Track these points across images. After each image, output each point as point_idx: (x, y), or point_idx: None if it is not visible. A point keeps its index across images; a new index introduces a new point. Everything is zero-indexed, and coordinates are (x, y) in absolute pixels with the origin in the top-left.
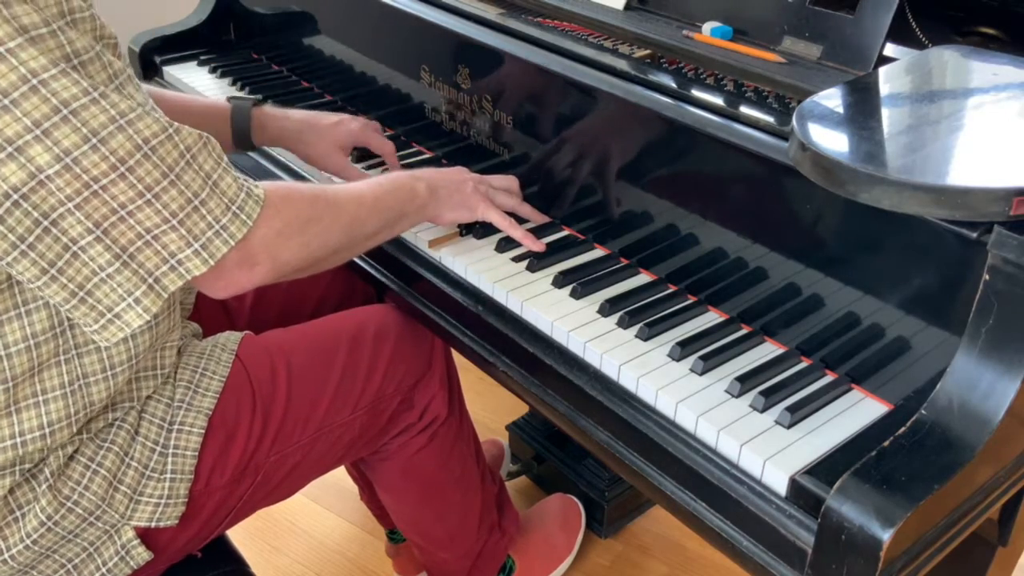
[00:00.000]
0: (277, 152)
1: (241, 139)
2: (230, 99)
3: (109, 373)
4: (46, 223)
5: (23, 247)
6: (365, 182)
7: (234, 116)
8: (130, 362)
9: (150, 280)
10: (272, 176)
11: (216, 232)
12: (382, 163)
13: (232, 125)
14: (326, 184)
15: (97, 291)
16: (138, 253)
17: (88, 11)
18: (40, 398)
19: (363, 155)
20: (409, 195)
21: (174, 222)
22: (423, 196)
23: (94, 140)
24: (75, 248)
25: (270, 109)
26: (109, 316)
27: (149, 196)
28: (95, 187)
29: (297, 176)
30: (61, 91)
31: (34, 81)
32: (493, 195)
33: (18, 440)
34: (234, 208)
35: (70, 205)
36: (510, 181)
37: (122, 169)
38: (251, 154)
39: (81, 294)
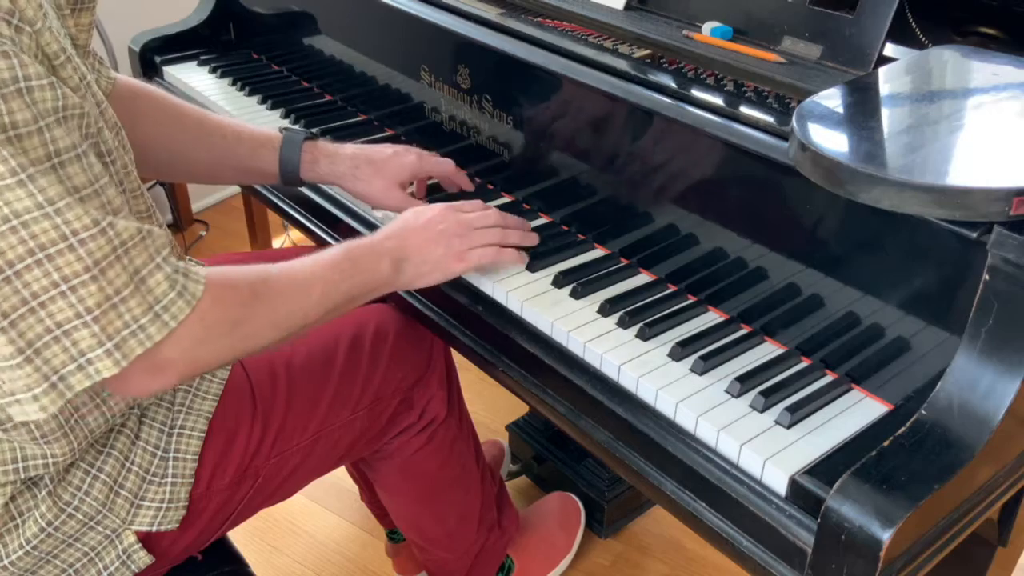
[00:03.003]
0: None
1: (288, 174)
2: (283, 130)
3: (99, 399)
4: None
5: None
6: (322, 262)
7: (283, 149)
8: None
9: (54, 378)
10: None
11: (132, 332)
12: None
13: (280, 157)
14: (272, 268)
15: (1, 374)
16: (45, 349)
17: (47, 79)
18: (40, 441)
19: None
20: (369, 277)
21: (88, 318)
22: (384, 275)
23: (14, 222)
24: None
25: (323, 144)
26: (10, 399)
27: (65, 288)
28: (8, 272)
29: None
30: None
31: None
32: (470, 242)
33: (20, 465)
34: (157, 308)
35: None
36: (490, 217)
37: (40, 255)
38: None
39: None
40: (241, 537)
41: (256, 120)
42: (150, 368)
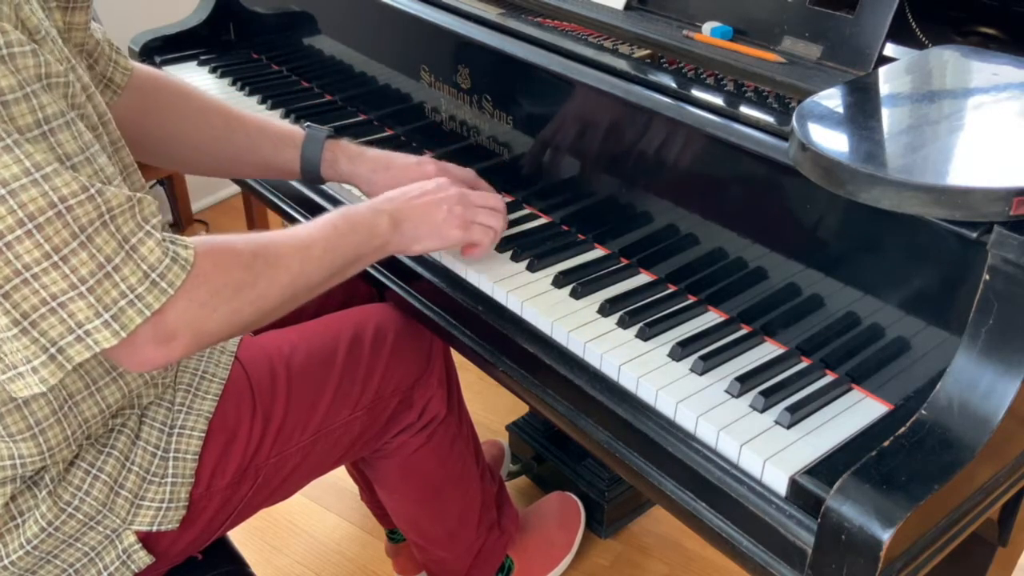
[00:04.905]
0: None
1: (309, 172)
2: (306, 127)
3: (93, 388)
4: None
5: None
6: (319, 224)
7: (305, 146)
8: (110, 375)
9: (52, 350)
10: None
11: (130, 302)
12: None
13: (301, 155)
14: (271, 234)
15: (2, 346)
16: (41, 320)
17: (28, 47)
18: (36, 429)
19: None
20: (367, 235)
21: (82, 288)
22: (384, 234)
23: (2, 191)
24: None
25: (346, 144)
26: (11, 374)
27: (56, 258)
28: None
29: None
30: None
31: None
32: (473, 215)
33: (17, 462)
34: (153, 276)
35: None
36: (494, 200)
37: (30, 226)
38: None
39: None
40: (241, 537)
41: None
42: (157, 338)
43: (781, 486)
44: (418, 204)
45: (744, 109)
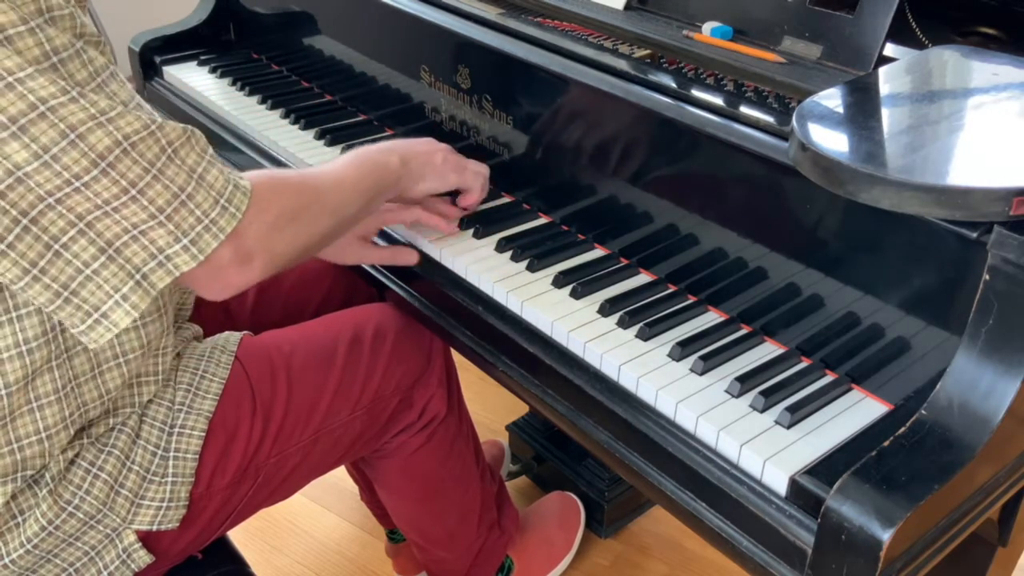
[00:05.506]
0: (267, 145)
1: None
2: None
3: (97, 372)
4: (25, 221)
5: (2, 247)
6: (342, 162)
7: None
8: (116, 360)
9: (137, 276)
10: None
11: (205, 227)
12: None
13: None
14: (307, 170)
15: (82, 290)
16: (124, 248)
17: (67, 9)
18: (34, 404)
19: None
20: (384, 171)
21: (161, 217)
22: (396, 170)
23: (72, 136)
24: (57, 246)
25: None
26: (96, 316)
27: (134, 192)
28: (76, 184)
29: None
30: (38, 89)
31: (9, 79)
32: (465, 163)
33: (15, 446)
34: (222, 201)
35: (50, 200)
36: (481, 167)
37: (103, 165)
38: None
39: (66, 294)
40: (241, 537)
41: (256, 120)
42: (235, 259)
43: (781, 486)
44: (419, 150)
45: (744, 109)
